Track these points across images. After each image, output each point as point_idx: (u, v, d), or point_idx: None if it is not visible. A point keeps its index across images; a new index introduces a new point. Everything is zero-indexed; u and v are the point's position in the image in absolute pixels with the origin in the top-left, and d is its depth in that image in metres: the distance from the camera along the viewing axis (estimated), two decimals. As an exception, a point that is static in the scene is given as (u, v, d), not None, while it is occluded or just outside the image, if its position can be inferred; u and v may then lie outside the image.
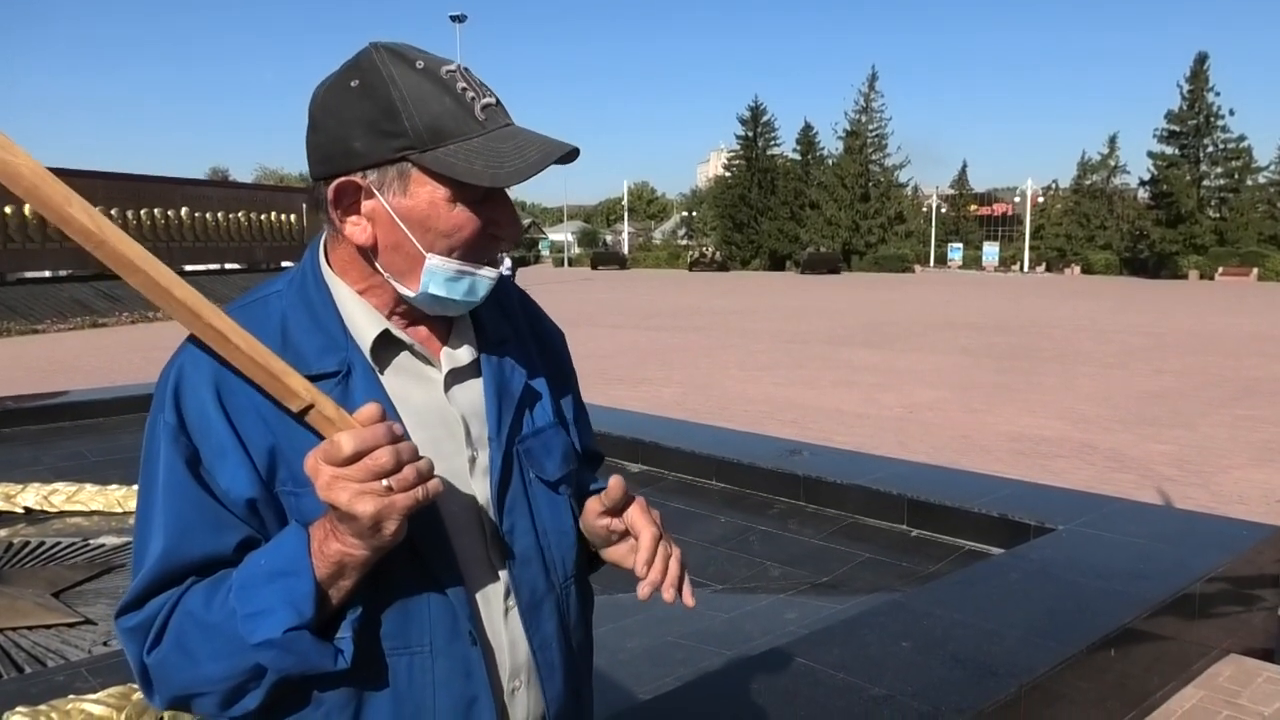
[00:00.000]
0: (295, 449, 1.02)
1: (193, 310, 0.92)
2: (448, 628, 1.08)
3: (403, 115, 1.02)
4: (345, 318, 1.11)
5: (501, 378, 1.19)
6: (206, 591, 1.01)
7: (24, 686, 3.27)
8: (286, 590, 0.97)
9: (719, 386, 13.34)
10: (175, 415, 1.04)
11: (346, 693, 1.05)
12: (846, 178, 64.26)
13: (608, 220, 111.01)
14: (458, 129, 1.03)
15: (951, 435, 9.85)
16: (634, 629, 3.93)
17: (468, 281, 1.09)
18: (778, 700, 2.72)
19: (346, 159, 1.05)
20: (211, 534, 1.03)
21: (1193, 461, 8.65)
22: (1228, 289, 41.37)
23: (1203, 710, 3.43)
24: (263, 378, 0.95)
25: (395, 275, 1.09)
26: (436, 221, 1.06)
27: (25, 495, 5.79)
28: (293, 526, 1.02)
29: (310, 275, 1.14)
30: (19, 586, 4.39)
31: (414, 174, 1.04)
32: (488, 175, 1.02)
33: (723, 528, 5.18)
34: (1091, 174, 61.69)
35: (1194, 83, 52.92)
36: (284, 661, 0.99)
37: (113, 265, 0.90)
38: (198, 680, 1.01)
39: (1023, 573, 3.75)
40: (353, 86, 1.04)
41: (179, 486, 1.03)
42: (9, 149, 0.85)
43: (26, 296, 26.45)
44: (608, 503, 1.16)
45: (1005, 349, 17.80)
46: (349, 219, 1.08)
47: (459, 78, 1.05)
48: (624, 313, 27.89)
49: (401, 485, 0.93)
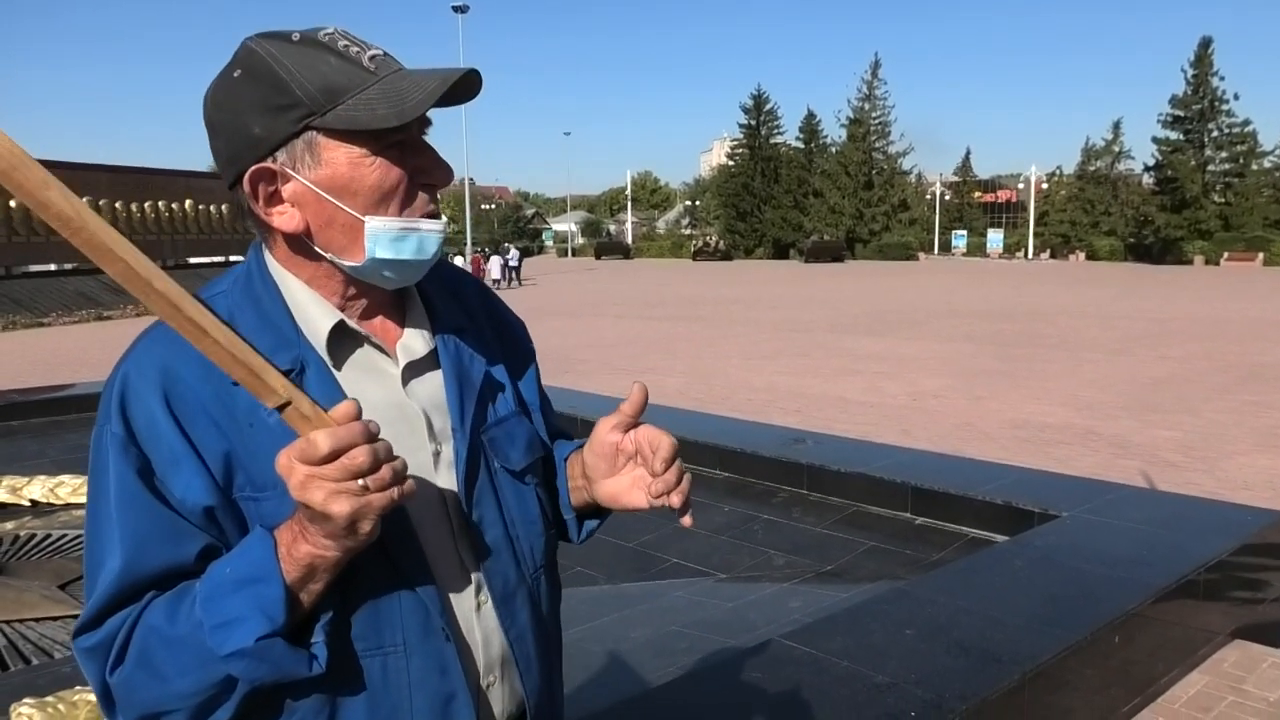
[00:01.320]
0: (251, 453, 1.00)
1: (172, 303, 0.90)
2: (420, 625, 1.06)
3: (292, 85, 0.99)
4: (296, 312, 1.08)
5: (461, 367, 1.16)
6: (169, 605, 0.97)
7: (31, 678, 3.29)
8: (256, 597, 0.94)
9: (723, 375, 13.34)
10: (123, 425, 1.00)
11: (320, 698, 1.03)
12: (850, 165, 64.09)
13: (611, 210, 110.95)
14: (350, 83, 1.00)
15: (955, 423, 9.85)
16: (638, 618, 3.94)
17: (414, 239, 1.06)
18: (782, 689, 2.73)
19: (252, 148, 1.02)
20: (169, 544, 0.99)
21: (1197, 448, 8.63)
22: (1233, 274, 41.25)
23: (1207, 696, 3.43)
24: (241, 374, 0.92)
25: (338, 253, 1.05)
26: (361, 182, 1.02)
27: (31, 488, 5.81)
28: (258, 532, 0.98)
29: (256, 272, 1.10)
30: (25, 579, 4.41)
31: (321, 140, 1.01)
32: (393, 115, 0.99)
33: (726, 517, 5.19)
34: (1096, 160, 61.41)
35: (1198, 67, 52.67)
36: (257, 671, 0.95)
37: (90, 253, 0.88)
38: (165, 697, 0.97)
39: (1026, 560, 3.75)
40: (236, 77, 1.02)
41: (132, 499, 0.99)
42: None
43: (32, 290, 26.51)
44: (629, 409, 1.12)
45: (1009, 336, 17.78)
46: (274, 210, 1.04)
47: (339, 37, 1.03)
48: (627, 302, 27.88)
49: (378, 485, 0.90)
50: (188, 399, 1.00)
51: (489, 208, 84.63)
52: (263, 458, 0.98)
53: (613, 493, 1.18)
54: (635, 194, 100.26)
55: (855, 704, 2.62)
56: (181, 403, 1.00)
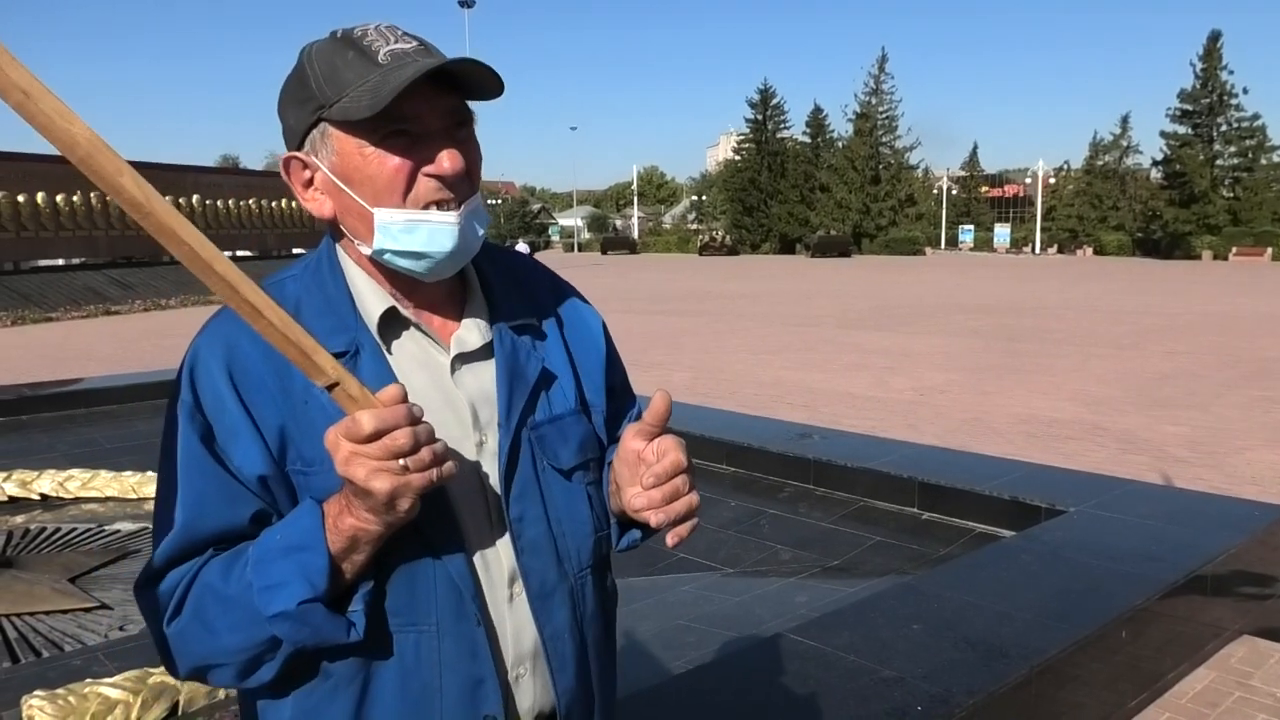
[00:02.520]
0: (303, 429, 1.06)
1: (232, 285, 0.94)
2: (454, 608, 1.09)
3: (311, 80, 1.07)
4: (356, 298, 1.13)
5: (515, 362, 1.17)
6: (224, 564, 1.04)
7: (42, 671, 3.31)
8: (301, 564, 1.00)
9: (729, 370, 13.33)
10: (191, 394, 1.08)
11: (355, 665, 1.08)
12: (856, 160, 63.95)
13: (617, 205, 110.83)
14: (355, 77, 1.04)
15: (962, 418, 9.83)
16: (645, 612, 3.95)
17: (423, 230, 1.08)
18: (788, 683, 2.73)
19: (290, 138, 1.12)
20: (227, 507, 1.05)
21: (1205, 443, 8.61)
22: (1242, 269, 41.07)
23: (1215, 691, 3.43)
24: (293, 354, 0.97)
25: (359, 240, 1.11)
26: (362, 171, 1.07)
27: (41, 482, 5.84)
28: (308, 503, 1.04)
29: (325, 258, 1.17)
30: (36, 572, 4.44)
31: (331, 131, 1.07)
32: (368, 106, 1.02)
33: (733, 511, 5.19)
34: (1104, 154, 61.22)
35: (1207, 61, 52.40)
36: (298, 633, 1.01)
37: (158, 236, 0.93)
38: (216, 651, 1.04)
39: (1034, 555, 3.75)
40: (289, 75, 1.11)
41: (196, 462, 1.06)
42: (67, 118, 0.87)
43: (41, 285, 26.58)
44: (650, 418, 1.08)
45: (1017, 331, 17.73)
46: (309, 195, 1.13)
47: (370, 33, 1.07)
48: (634, 297, 27.87)
49: (417, 465, 0.95)
50: (249, 374, 1.07)
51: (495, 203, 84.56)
52: (314, 434, 1.04)
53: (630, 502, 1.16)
54: (641, 189, 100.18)
55: (861, 698, 2.62)
56: (244, 376, 1.07)
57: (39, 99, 0.85)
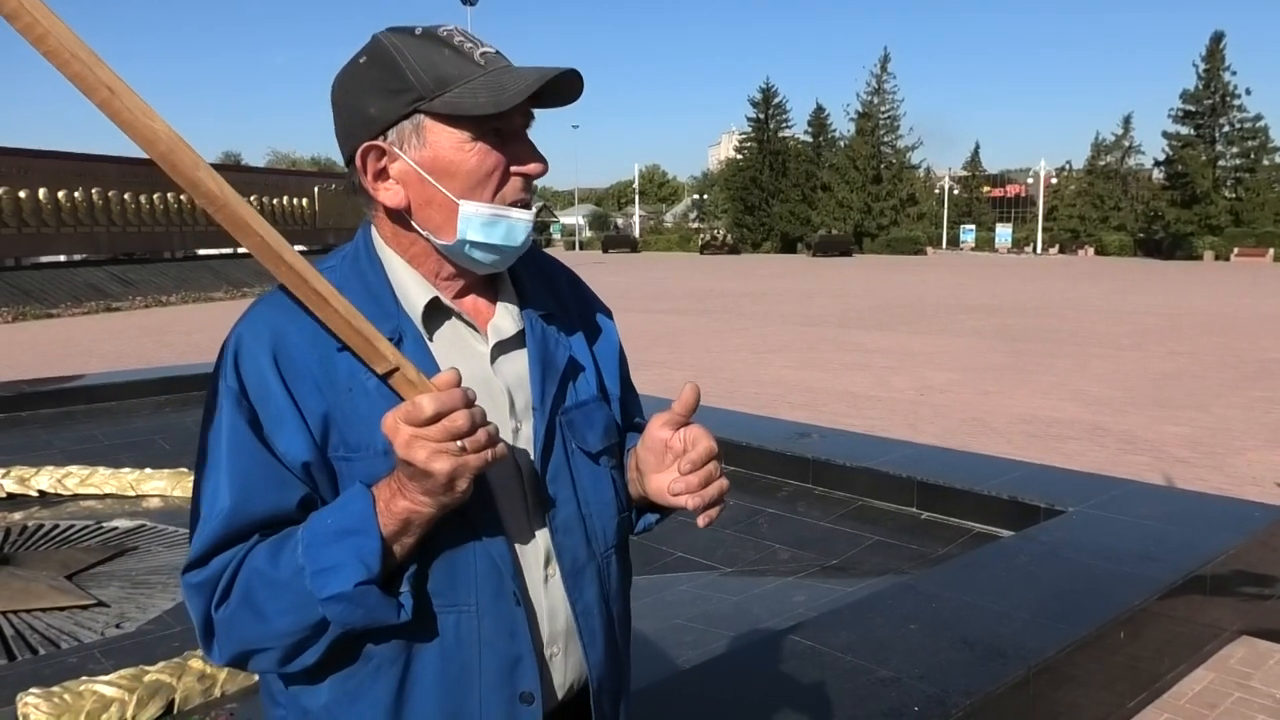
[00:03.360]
0: (347, 416, 1.09)
1: (301, 274, 0.98)
2: (494, 587, 1.12)
3: (407, 71, 1.09)
4: (396, 287, 1.16)
5: (545, 349, 1.22)
6: (271, 549, 1.05)
7: (38, 668, 3.31)
8: (355, 547, 1.02)
9: (729, 369, 13.32)
10: (237, 380, 1.09)
11: (398, 646, 1.10)
12: (858, 160, 63.93)
13: (619, 203, 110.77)
14: (459, 74, 1.09)
15: (963, 417, 9.82)
16: (643, 611, 3.93)
17: (504, 225, 1.14)
18: (785, 682, 2.73)
19: (366, 127, 1.11)
20: (275, 491, 1.07)
21: (1206, 443, 8.59)
22: (1243, 270, 41.04)
23: (1214, 692, 3.42)
24: (356, 340, 1.01)
25: (433, 231, 1.14)
26: (460, 165, 1.11)
27: (39, 478, 5.84)
28: (357, 488, 1.06)
29: (363, 248, 1.20)
30: (33, 569, 4.43)
31: (427, 123, 1.10)
32: (491, 103, 1.07)
33: (731, 510, 5.18)
34: (1106, 155, 61.20)
35: (1210, 61, 52.39)
36: (352, 615, 1.03)
37: (231, 228, 0.96)
38: (264, 635, 1.06)
39: (1032, 555, 3.74)
40: (361, 63, 1.12)
41: (243, 446, 1.07)
42: (149, 115, 0.90)
43: (42, 281, 26.59)
44: (680, 409, 1.17)
45: (1018, 331, 17.72)
46: (380, 185, 1.13)
47: (456, 34, 1.12)
48: (635, 296, 27.86)
49: (474, 446, 0.99)
50: (295, 361, 1.09)
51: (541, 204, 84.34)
52: (359, 421, 1.08)
53: (659, 488, 1.23)
54: (643, 187, 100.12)
55: (859, 698, 2.61)
56: (289, 364, 1.09)
57: (124, 96, 0.87)
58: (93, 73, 0.87)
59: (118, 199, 29.26)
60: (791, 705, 2.65)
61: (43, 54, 0.88)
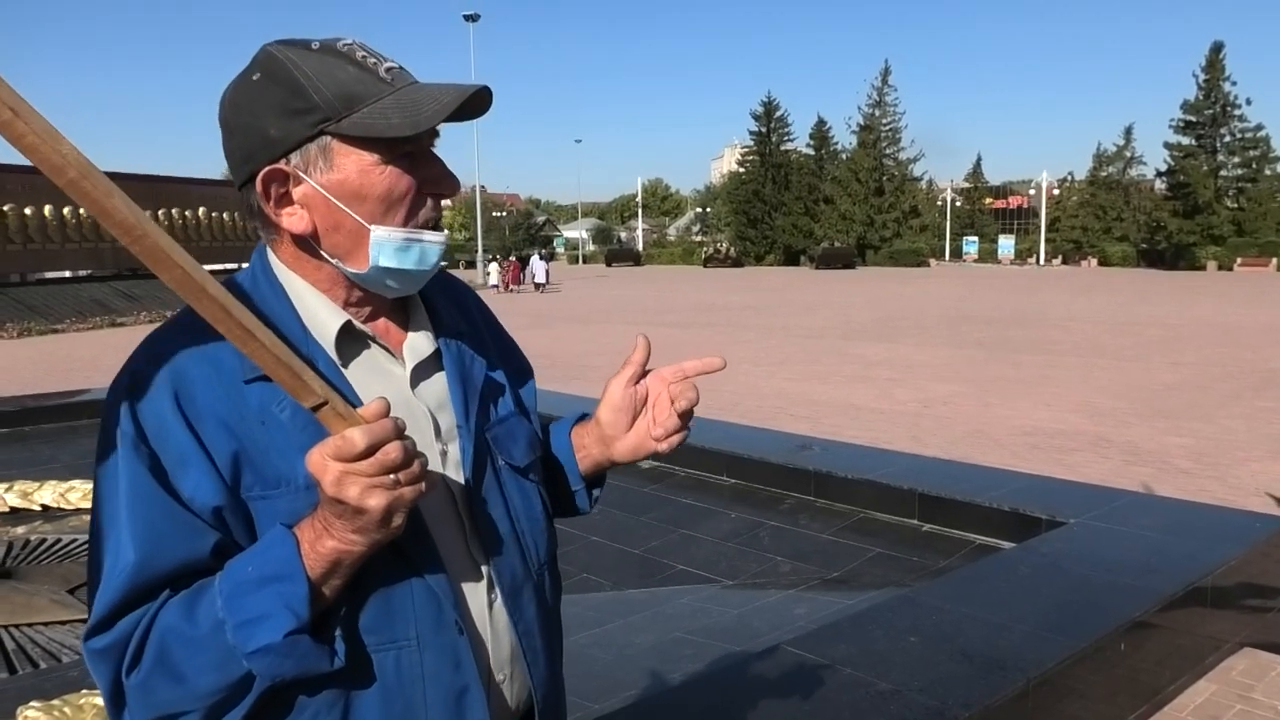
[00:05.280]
0: (262, 451, 1.02)
1: (225, 308, 0.92)
2: (433, 619, 1.07)
3: (310, 90, 1.02)
4: (303, 313, 1.10)
5: (463, 367, 1.18)
6: (185, 604, 0.98)
7: (39, 682, 3.31)
8: (281, 594, 0.95)
9: (732, 381, 13.32)
10: (133, 424, 1.01)
11: (334, 694, 1.03)
12: (860, 172, 64.09)
13: (622, 217, 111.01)
14: (366, 92, 1.03)
15: (965, 429, 9.81)
16: (642, 625, 3.94)
17: (417, 250, 1.08)
18: (786, 696, 2.72)
19: (267, 149, 1.04)
20: (186, 540, 0.99)
21: (1209, 454, 8.58)
22: (1246, 280, 41.00)
23: (1215, 704, 3.41)
24: (282, 375, 0.94)
25: (342, 258, 1.08)
26: (370, 189, 1.05)
27: (42, 493, 5.85)
28: (278, 530, 0.99)
29: (261, 274, 1.12)
30: (35, 583, 4.44)
31: (335, 146, 1.04)
32: (408, 125, 1.02)
33: (733, 523, 5.18)
34: (1107, 165, 61.26)
35: (1210, 72, 52.50)
36: (281, 667, 0.97)
37: (148, 261, 0.90)
38: (183, 699, 0.98)
39: (1032, 566, 3.73)
40: (255, 80, 1.05)
41: (145, 496, 0.99)
42: (55, 139, 0.83)
43: (46, 296, 26.69)
44: (637, 358, 1.23)
45: (1020, 342, 17.71)
46: (283, 211, 1.06)
47: (357, 48, 1.06)
48: (638, 309, 27.89)
49: (409, 479, 0.94)
50: (197, 399, 1.01)
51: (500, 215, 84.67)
52: (275, 455, 1.01)
53: (635, 444, 1.26)
54: (646, 201, 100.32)
55: (859, 711, 2.61)
56: (191, 403, 1.01)
57: (28, 118, 0.81)
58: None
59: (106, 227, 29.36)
60: (791, 718, 2.64)
61: None
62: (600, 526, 4.98)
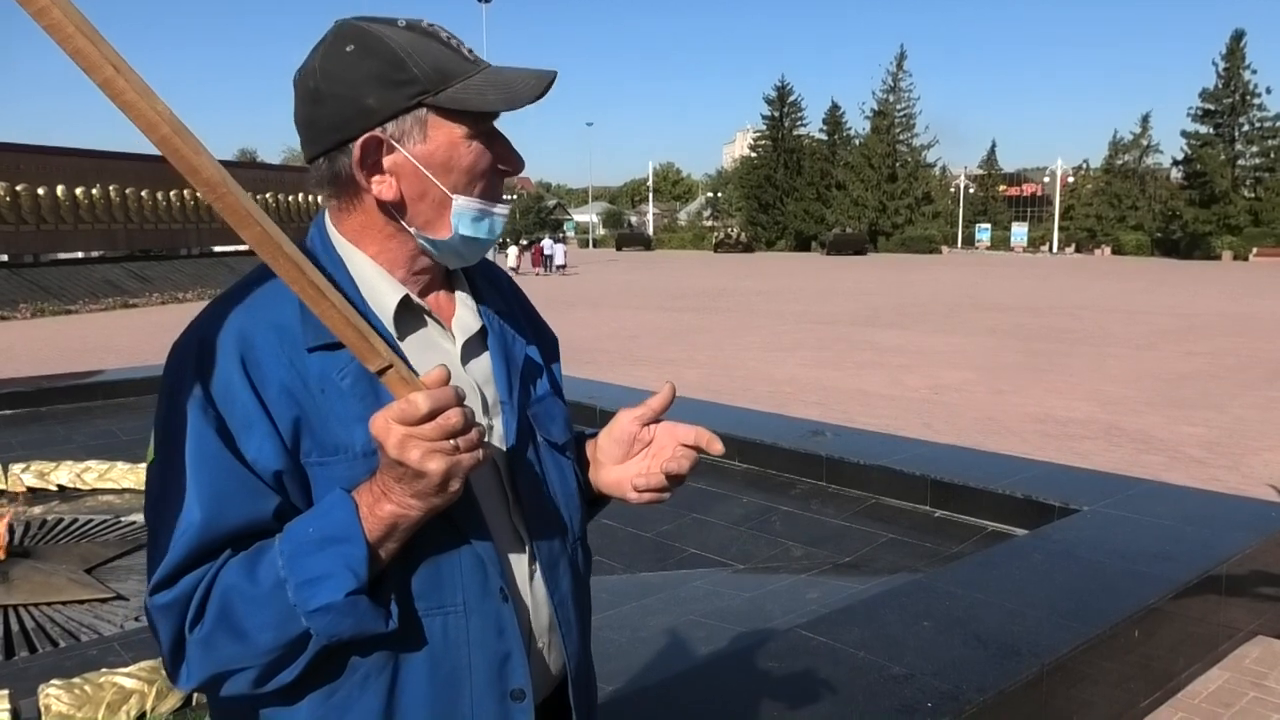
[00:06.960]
0: (321, 418, 1.05)
1: (299, 267, 0.95)
2: (479, 586, 1.11)
3: (409, 64, 1.06)
4: (361, 286, 1.12)
5: (506, 346, 1.22)
6: (246, 563, 1.00)
7: (59, 660, 3.35)
8: (341, 555, 0.98)
9: (743, 367, 13.31)
10: (201, 387, 1.03)
11: (384, 656, 1.07)
12: (873, 158, 63.74)
13: (633, 201, 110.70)
14: (459, 69, 1.07)
15: (977, 417, 9.79)
16: (656, 607, 3.96)
17: (488, 221, 1.15)
18: (798, 679, 2.73)
19: (364, 118, 1.07)
20: (250, 500, 1.02)
21: (1222, 444, 8.55)
22: (1262, 270, 40.72)
23: (1228, 692, 3.41)
24: (350, 336, 0.97)
25: (423, 226, 1.12)
26: (457, 161, 1.10)
27: (59, 473, 5.90)
28: (338, 493, 1.02)
29: (320, 246, 1.14)
30: (53, 563, 4.48)
31: (430, 118, 1.08)
32: (503, 101, 1.07)
33: (745, 508, 5.19)
34: (1123, 154, 60.75)
35: (1230, 60, 51.98)
36: (339, 626, 0.99)
37: (229, 217, 0.93)
38: (243, 655, 1.00)
39: (1046, 553, 3.73)
40: (349, 51, 1.07)
41: (211, 456, 1.01)
42: (152, 98, 0.86)
43: (60, 277, 26.81)
44: (657, 405, 1.23)
45: (1033, 330, 17.65)
46: (374, 179, 1.09)
47: (440, 29, 1.11)
48: (649, 294, 27.87)
49: (468, 445, 0.96)
50: (263, 364, 1.04)
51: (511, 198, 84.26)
52: (334, 422, 1.05)
53: (617, 479, 1.27)
54: (657, 185, 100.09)
55: (871, 695, 2.62)
56: (256, 368, 1.04)
57: (127, 75, 0.84)
58: (96, 49, 0.82)
59: (135, 196, 29.46)
60: (804, 702, 2.66)
61: (44, 27, 0.82)
62: (612, 510, 4.93)
